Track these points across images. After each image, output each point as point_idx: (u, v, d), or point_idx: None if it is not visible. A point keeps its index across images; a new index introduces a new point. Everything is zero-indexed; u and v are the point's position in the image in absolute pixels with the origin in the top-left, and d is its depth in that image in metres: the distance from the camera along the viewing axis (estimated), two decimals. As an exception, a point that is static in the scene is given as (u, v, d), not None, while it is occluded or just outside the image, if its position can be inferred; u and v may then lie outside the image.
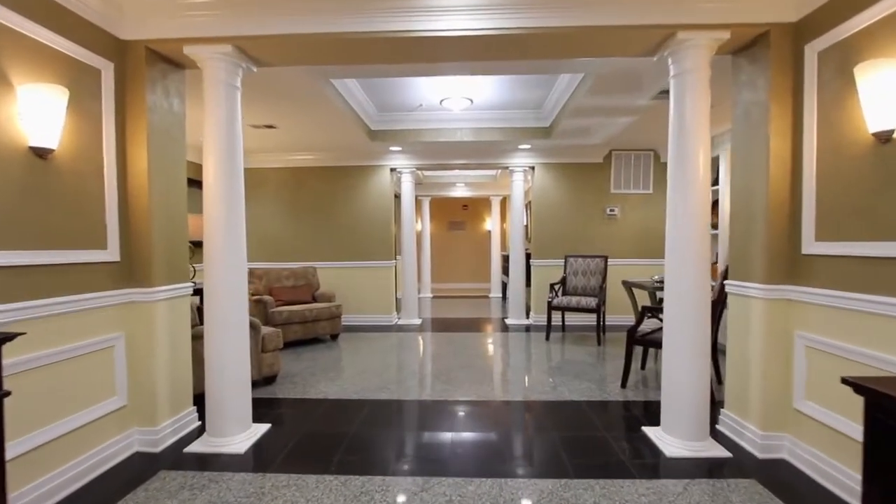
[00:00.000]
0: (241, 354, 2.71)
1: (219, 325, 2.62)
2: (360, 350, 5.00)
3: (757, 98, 2.52)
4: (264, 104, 4.22)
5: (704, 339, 2.53)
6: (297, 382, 3.85)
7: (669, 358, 2.62)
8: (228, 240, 2.62)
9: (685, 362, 2.53)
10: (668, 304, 2.62)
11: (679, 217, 2.54)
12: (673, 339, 2.60)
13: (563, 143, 5.88)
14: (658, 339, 3.39)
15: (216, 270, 2.60)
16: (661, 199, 6.31)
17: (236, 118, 2.66)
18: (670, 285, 2.60)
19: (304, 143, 5.79)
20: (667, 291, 2.64)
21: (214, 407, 2.63)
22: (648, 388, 3.65)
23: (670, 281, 2.61)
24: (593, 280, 5.61)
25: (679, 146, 2.54)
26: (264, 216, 6.59)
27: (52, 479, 2.08)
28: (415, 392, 3.60)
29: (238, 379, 2.68)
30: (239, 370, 2.69)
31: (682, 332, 2.55)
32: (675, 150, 2.56)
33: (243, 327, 2.72)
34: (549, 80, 4.52)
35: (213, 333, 2.62)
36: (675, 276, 2.58)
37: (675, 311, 2.58)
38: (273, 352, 3.77)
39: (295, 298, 5.51)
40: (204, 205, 2.61)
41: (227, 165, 2.62)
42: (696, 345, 2.52)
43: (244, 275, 2.71)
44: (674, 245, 2.58)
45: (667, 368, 2.64)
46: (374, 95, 5.01)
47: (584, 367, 4.24)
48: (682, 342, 2.55)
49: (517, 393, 3.56)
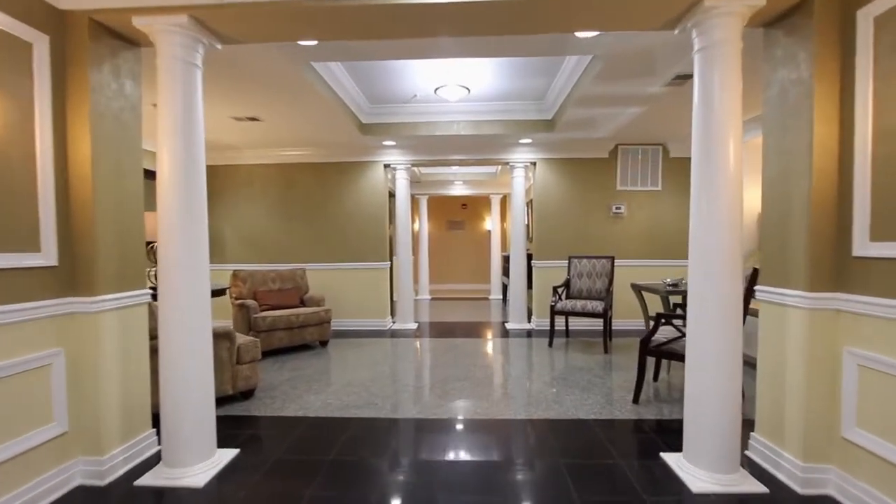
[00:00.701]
0: (202, 371, 2.36)
1: (175, 338, 2.27)
2: (349, 358, 4.66)
3: (796, 76, 2.17)
4: (245, 94, 3.88)
5: (735, 357, 2.18)
6: (277, 396, 3.50)
7: (693, 377, 2.27)
8: (187, 240, 2.27)
9: (712, 382, 2.19)
10: (693, 314, 2.27)
11: (705, 217, 2.20)
12: (697, 355, 2.25)
13: (567, 137, 5.53)
14: (675, 350, 3.05)
15: (172, 275, 2.26)
16: (670, 197, 5.97)
17: (196, 101, 2.32)
18: (695, 294, 2.26)
19: (292, 137, 5.44)
20: (691, 301, 2.29)
21: (171, 433, 2.29)
22: (663, 402, 3.30)
23: (695, 289, 2.26)
24: (599, 282, 5.26)
25: (705, 134, 2.19)
26: (250, 215, 6.24)
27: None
28: (406, 408, 3.26)
29: (199, 400, 2.34)
30: (200, 390, 2.35)
31: (708, 348, 2.20)
32: (700, 139, 2.22)
33: (205, 339, 2.38)
34: (552, 67, 4.18)
35: (169, 347, 2.27)
36: (700, 283, 2.23)
37: (700, 324, 2.24)
38: (250, 363, 3.43)
39: (282, 302, 5.18)
40: (157, 200, 2.27)
41: (185, 155, 2.27)
42: (726, 362, 2.17)
43: (205, 279, 2.37)
44: (699, 248, 2.23)
45: (691, 389, 2.29)
46: (365, 86, 4.67)
47: (592, 379, 3.89)
48: (708, 359, 2.20)
49: (519, 409, 3.21)
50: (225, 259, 6.25)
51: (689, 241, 2.30)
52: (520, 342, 5.38)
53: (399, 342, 5.46)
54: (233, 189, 6.23)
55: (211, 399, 2.42)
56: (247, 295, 5.12)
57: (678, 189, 5.97)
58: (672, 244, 5.99)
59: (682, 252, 5.96)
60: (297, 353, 4.87)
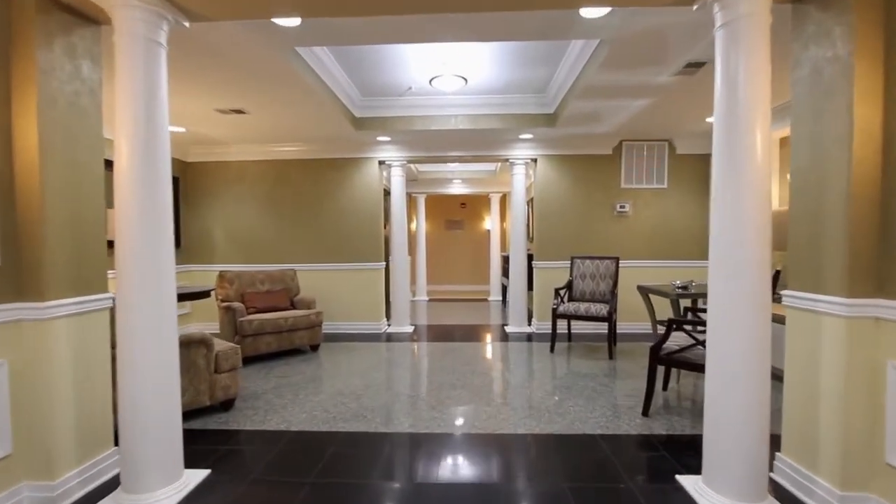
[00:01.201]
0: (167, 384, 2.12)
1: (135, 346, 2.03)
2: (340, 364, 4.42)
3: (832, 54, 1.93)
4: (228, 84, 3.64)
5: (762, 370, 1.94)
6: (259, 407, 3.26)
7: (714, 392, 2.03)
8: (148, 238, 2.03)
9: (736, 399, 1.95)
10: (714, 322, 2.03)
11: (728, 214, 1.95)
12: (719, 367, 2.01)
13: (569, 132, 5.29)
14: (689, 359, 2.80)
15: (131, 276, 2.02)
16: (676, 195, 5.74)
17: (160, 84, 2.08)
18: (716, 299, 2.02)
19: (282, 132, 5.20)
20: (711, 307, 2.05)
21: (130, 455, 2.05)
22: (674, 415, 3.06)
23: (716, 293, 2.02)
24: (603, 284, 5.02)
25: (728, 121, 1.95)
26: (239, 214, 6.00)
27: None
28: (398, 421, 3.01)
29: (163, 417, 2.10)
30: (164, 405, 2.11)
31: (731, 360, 1.96)
32: (722, 127, 1.98)
33: (170, 348, 2.14)
34: (554, 56, 3.94)
35: (128, 357, 2.03)
36: (722, 287, 1.99)
37: (722, 333, 2.00)
38: (230, 372, 3.19)
39: (270, 305, 4.93)
40: (115, 194, 2.02)
41: (147, 144, 2.03)
42: (752, 376, 1.93)
43: (170, 281, 2.13)
44: (721, 249, 1.99)
45: (711, 405, 2.05)
46: (357, 77, 4.43)
47: (597, 387, 3.65)
48: (731, 372, 1.96)
49: (519, 422, 2.97)
50: (214, 259, 6.01)
51: (709, 241, 2.05)
52: (520, 347, 5.14)
53: (394, 346, 5.21)
54: (221, 187, 5.99)
55: (177, 415, 2.18)
56: (234, 297, 4.88)
57: (685, 187, 5.73)
58: (678, 244, 5.75)
59: (689, 252, 5.73)
60: (286, 359, 4.63)
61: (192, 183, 5.99)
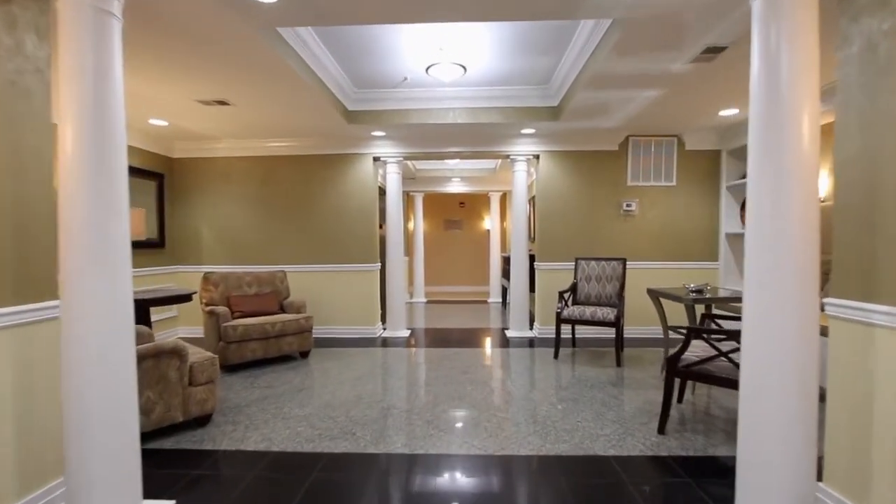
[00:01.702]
0: (122, 403, 1.85)
1: (82, 363, 1.76)
2: (330, 373, 4.15)
3: (889, 26, 1.67)
4: (209, 73, 3.37)
5: (808, 391, 1.68)
6: (239, 422, 2.99)
7: (750, 414, 1.77)
8: (98, 239, 1.76)
9: (778, 425, 1.68)
10: (750, 334, 1.77)
11: (768, 211, 1.69)
12: (755, 386, 1.75)
13: (574, 127, 5.02)
14: (711, 372, 2.54)
15: (78, 281, 1.74)
16: (685, 193, 5.48)
17: (113, 61, 1.80)
18: (753, 311, 1.75)
19: (270, 126, 4.93)
20: (747, 316, 1.78)
21: (77, 486, 1.77)
22: (693, 432, 2.80)
23: (753, 305, 1.75)
24: (609, 287, 4.76)
25: (768, 105, 1.69)
26: (226, 212, 5.72)
27: None
28: (389, 440, 2.74)
29: (116, 441, 1.83)
30: (119, 428, 1.83)
31: (770, 378, 1.70)
32: (761, 113, 1.72)
33: (125, 361, 1.86)
34: (559, 43, 3.67)
35: (74, 373, 1.76)
36: (758, 295, 1.73)
37: (760, 346, 1.73)
38: (206, 384, 2.91)
39: (258, 309, 4.66)
40: (60, 186, 1.75)
41: (98, 130, 1.75)
42: (798, 399, 1.67)
43: (126, 286, 1.85)
44: (759, 251, 1.73)
45: (746, 433, 1.78)
46: (349, 67, 4.16)
47: (606, 399, 3.39)
48: (770, 392, 1.70)
49: (523, 441, 2.70)
50: (201, 260, 5.73)
51: (745, 243, 1.79)
52: (522, 353, 4.87)
53: (389, 352, 4.94)
54: (208, 184, 5.71)
55: (134, 439, 1.90)
56: (218, 300, 4.61)
57: (694, 184, 5.47)
58: (687, 244, 5.49)
59: (699, 253, 5.47)
60: (274, 366, 4.36)
61: (178, 180, 5.72)
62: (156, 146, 5.35)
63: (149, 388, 2.65)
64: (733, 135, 5.08)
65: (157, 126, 4.83)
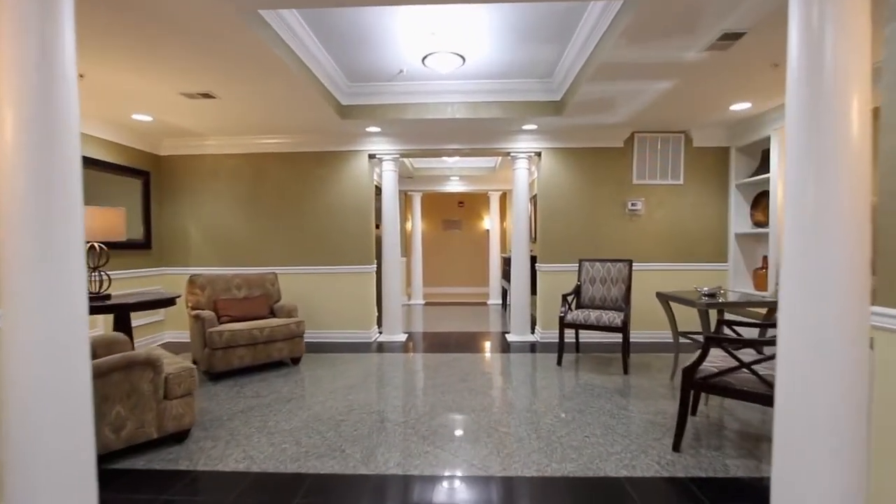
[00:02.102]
0: (75, 426, 1.63)
1: (26, 382, 1.54)
2: (322, 381, 3.93)
3: (949, -6, 1.45)
4: (189, 62, 3.16)
5: (857, 415, 1.46)
6: (220, 438, 2.77)
7: (788, 438, 1.55)
8: (43, 241, 1.54)
9: (823, 447, 1.47)
10: (788, 347, 1.55)
11: (811, 208, 1.47)
12: (794, 408, 1.53)
13: (577, 122, 4.81)
14: (732, 385, 2.33)
15: (18, 284, 1.53)
16: (692, 191, 5.26)
17: (62, 30, 1.58)
18: (791, 318, 1.53)
19: (261, 121, 4.71)
20: (783, 327, 1.57)
21: (20, 523, 1.56)
22: (710, 448, 2.58)
23: (791, 312, 1.54)
24: (615, 289, 4.54)
25: (811, 88, 1.47)
26: (216, 211, 5.50)
27: None
28: (380, 458, 2.52)
29: (66, 472, 1.60)
30: (69, 457, 1.61)
31: (813, 398, 1.48)
32: (802, 96, 1.50)
33: (78, 383, 1.64)
34: (564, 31, 3.45)
35: (14, 395, 1.54)
36: (798, 303, 1.51)
37: (800, 362, 1.51)
38: (183, 398, 2.69)
39: (247, 313, 4.44)
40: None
41: (43, 112, 1.54)
42: (846, 419, 1.45)
43: (79, 290, 1.63)
44: (799, 253, 1.51)
45: (783, 456, 1.57)
46: (342, 59, 3.94)
47: (614, 410, 3.17)
48: (816, 413, 1.48)
49: (527, 460, 2.48)
50: (189, 262, 5.51)
51: (784, 243, 1.57)
52: (523, 359, 4.66)
53: (384, 358, 4.72)
54: (197, 182, 5.49)
55: (89, 466, 1.68)
56: (205, 304, 4.38)
57: (702, 183, 5.26)
58: (696, 245, 5.28)
59: (707, 254, 5.26)
60: (263, 374, 4.13)
61: (165, 178, 5.50)
62: (141, 143, 5.13)
63: (119, 403, 2.43)
64: (743, 130, 4.87)
65: (141, 122, 4.61)
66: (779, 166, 4.33)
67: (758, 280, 4.81)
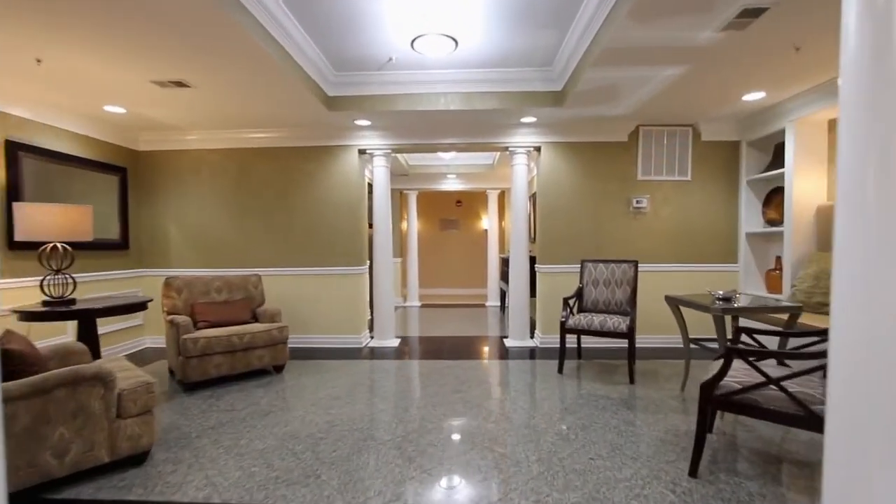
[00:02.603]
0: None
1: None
2: (304, 391, 3.64)
3: None
4: (157, 44, 2.87)
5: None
6: (183, 460, 2.48)
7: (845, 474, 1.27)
8: None
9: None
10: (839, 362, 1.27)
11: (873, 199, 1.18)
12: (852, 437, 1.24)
13: (579, 114, 4.53)
14: (758, 403, 2.05)
15: None
16: (700, 189, 4.99)
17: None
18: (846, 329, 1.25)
19: (241, 113, 4.43)
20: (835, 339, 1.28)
21: None
22: (729, 472, 2.30)
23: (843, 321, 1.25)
24: (619, 292, 4.26)
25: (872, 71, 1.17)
26: (197, 210, 5.22)
27: None
28: (361, 485, 2.24)
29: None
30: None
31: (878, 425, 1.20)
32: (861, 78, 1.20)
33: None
34: (565, 13, 3.17)
35: None
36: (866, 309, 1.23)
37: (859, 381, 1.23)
38: (141, 416, 2.41)
39: (226, 318, 4.15)
40: None
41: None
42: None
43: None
44: (856, 251, 1.22)
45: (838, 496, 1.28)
46: (328, 46, 3.66)
47: (620, 426, 2.89)
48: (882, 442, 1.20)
49: (526, 488, 2.20)
50: (169, 263, 5.23)
51: (834, 240, 1.29)
52: (522, 366, 4.37)
53: (374, 365, 4.44)
54: (177, 179, 5.21)
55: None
56: (182, 309, 4.10)
57: (711, 179, 4.98)
58: (704, 245, 5.00)
59: (717, 254, 4.99)
60: (241, 384, 3.85)
61: (144, 174, 5.21)
62: (117, 137, 4.84)
63: (62, 424, 2.14)
64: (755, 123, 4.59)
65: (114, 114, 4.32)
66: (794, 160, 4.05)
67: (771, 282, 4.53)
